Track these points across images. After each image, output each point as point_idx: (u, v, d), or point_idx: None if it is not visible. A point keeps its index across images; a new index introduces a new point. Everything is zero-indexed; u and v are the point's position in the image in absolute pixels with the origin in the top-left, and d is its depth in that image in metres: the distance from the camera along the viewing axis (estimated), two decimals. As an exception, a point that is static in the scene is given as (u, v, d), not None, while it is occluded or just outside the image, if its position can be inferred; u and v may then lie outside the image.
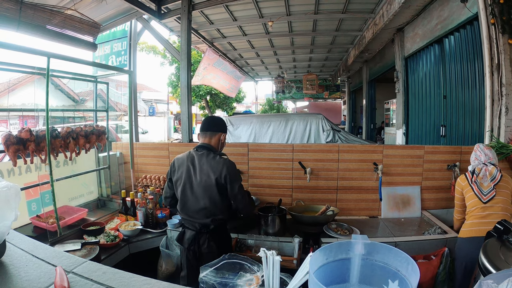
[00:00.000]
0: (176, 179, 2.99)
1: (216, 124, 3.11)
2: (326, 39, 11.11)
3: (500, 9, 4.22)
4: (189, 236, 2.92)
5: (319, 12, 8.12)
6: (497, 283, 0.99)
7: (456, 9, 5.93)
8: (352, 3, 7.68)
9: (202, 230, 2.88)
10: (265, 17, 8.38)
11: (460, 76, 6.10)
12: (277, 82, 16.77)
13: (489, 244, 1.92)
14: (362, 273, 1.30)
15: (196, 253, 2.90)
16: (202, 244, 2.86)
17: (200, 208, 2.86)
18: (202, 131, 3.06)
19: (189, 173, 2.91)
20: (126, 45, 6.34)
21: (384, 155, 4.30)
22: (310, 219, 3.75)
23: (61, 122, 3.86)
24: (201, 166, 2.88)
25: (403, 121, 9.12)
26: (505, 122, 4.26)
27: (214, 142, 3.03)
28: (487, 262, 1.72)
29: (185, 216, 2.96)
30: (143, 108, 27.13)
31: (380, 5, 7.66)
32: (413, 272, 1.11)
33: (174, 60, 16.87)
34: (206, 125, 3.08)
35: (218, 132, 3.05)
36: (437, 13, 6.70)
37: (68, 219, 3.73)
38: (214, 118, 3.26)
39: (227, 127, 7.20)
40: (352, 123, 20.06)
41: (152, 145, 5.43)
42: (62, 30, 4.45)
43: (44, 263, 1.37)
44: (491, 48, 4.36)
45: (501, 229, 1.98)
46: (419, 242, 3.46)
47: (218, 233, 2.93)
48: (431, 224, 3.92)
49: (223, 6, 7.40)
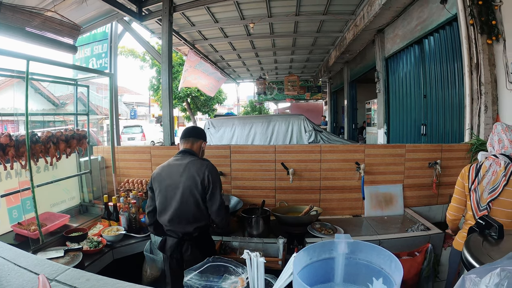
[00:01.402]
0: (159, 188, 2.93)
1: (198, 132, 3.16)
2: (307, 40, 11.20)
3: (478, 10, 4.32)
4: (171, 243, 2.88)
5: (300, 13, 8.19)
6: (480, 277, 1.00)
7: (435, 11, 6.04)
8: (333, 5, 7.77)
9: (184, 237, 2.85)
10: (246, 19, 8.42)
11: (440, 75, 6.21)
12: (258, 84, 16.85)
13: (471, 239, 1.95)
14: (346, 272, 1.31)
15: (179, 261, 2.87)
16: (185, 251, 2.83)
17: (183, 215, 2.83)
18: (183, 138, 3.07)
19: (173, 179, 2.87)
20: (106, 47, 6.28)
21: (366, 154, 4.34)
22: (294, 219, 3.76)
23: (41, 126, 3.79)
24: (185, 170, 2.85)
25: (384, 120, 9.23)
26: (484, 120, 4.36)
27: (196, 148, 3.05)
28: (470, 256, 1.74)
29: (167, 224, 2.90)
30: (124, 111, 26.91)
31: (360, 6, 7.76)
32: (396, 270, 1.13)
33: (154, 63, 16.78)
34: (187, 132, 3.11)
35: (200, 139, 3.09)
36: (417, 14, 6.81)
37: (50, 225, 3.65)
38: (195, 127, 3.35)
39: (209, 129, 7.27)
40: (334, 123, 20.25)
41: (134, 148, 5.37)
42: (42, 32, 4.38)
43: (26, 272, 1.35)
44: (470, 48, 4.46)
45: (483, 224, 2.01)
46: (402, 239, 3.49)
47: (201, 239, 2.91)
48: (414, 221, 3.97)
49: (204, 8, 7.41)
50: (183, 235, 2.85)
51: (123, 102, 28.25)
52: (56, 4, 4.59)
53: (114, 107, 5.08)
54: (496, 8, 4.24)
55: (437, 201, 4.37)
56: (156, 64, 16.70)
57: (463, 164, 4.19)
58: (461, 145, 4.46)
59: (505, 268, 0.96)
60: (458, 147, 4.41)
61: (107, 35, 6.34)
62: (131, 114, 28.26)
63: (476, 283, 0.99)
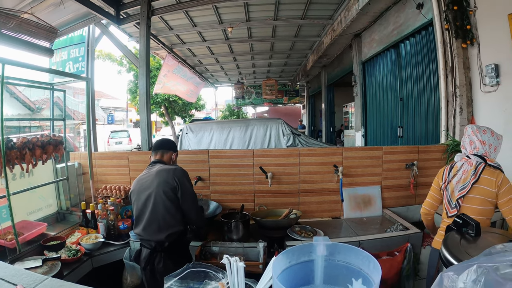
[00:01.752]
0: (135, 202, 2.96)
1: (168, 144, 3.23)
2: (285, 44, 11.27)
3: (453, 15, 4.44)
4: (145, 255, 2.87)
5: (278, 18, 8.23)
6: (458, 274, 1.01)
7: (411, 16, 6.15)
8: (311, 10, 7.84)
9: (157, 248, 2.83)
10: (225, 23, 8.41)
11: (416, 79, 6.33)
12: (236, 88, 16.83)
13: (449, 238, 1.98)
14: (326, 274, 1.31)
15: (153, 272, 2.85)
16: (158, 263, 2.82)
17: (155, 222, 2.82)
18: (154, 150, 3.14)
19: (144, 190, 2.89)
20: (83, 51, 6.17)
21: (344, 157, 4.37)
22: (273, 223, 3.75)
23: (17, 132, 3.72)
24: (155, 178, 2.87)
25: (362, 123, 9.34)
26: (459, 121, 4.48)
27: (166, 158, 3.10)
28: (448, 254, 1.77)
29: (141, 234, 2.89)
30: (101, 116, 26.48)
31: (338, 11, 7.85)
32: (375, 270, 1.13)
33: (132, 67, 16.58)
34: (158, 145, 3.18)
35: (170, 151, 3.16)
36: (394, 19, 6.92)
37: (27, 234, 3.55)
38: (166, 139, 3.36)
39: (187, 134, 7.22)
40: (312, 127, 20.35)
41: (111, 154, 5.29)
42: (18, 34, 4.27)
43: (4, 282, 1.32)
44: (445, 52, 4.57)
45: (460, 223, 2.05)
46: (382, 239, 3.52)
47: (173, 249, 2.89)
48: (392, 221, 4.02)
49: (183, 11, 7.38)
50: (155, 245, 2.83)
51: (100, 107, 27.82)
52: (33, 6, 4.52)
53: (91, 112, 4.99)
54: (471, 13, 4.36)
55: (415, 201, 4.43)
56: (133, 69, 16.49)
57: (439, 164, 4.29)
58: (437, 146, 4.55)
59: (482, 265, 0.98)
60: (435, 148, 4.50)
61: (84, 38, 6.23)
62: (108, 119, 27.88)
63: (454, 280, 1.00)
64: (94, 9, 5.45)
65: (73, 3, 5.00)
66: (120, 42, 7.16)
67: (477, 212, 2.60)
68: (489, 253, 1.16)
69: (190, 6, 6.76)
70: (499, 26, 3.98)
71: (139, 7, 5.78)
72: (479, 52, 4.32)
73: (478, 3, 4.31)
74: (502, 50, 3.98)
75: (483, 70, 4.24)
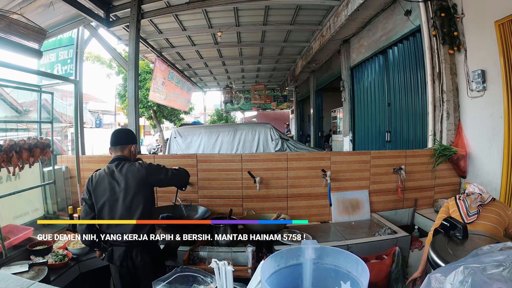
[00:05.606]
0: (99, 198, 2.87)
1: (126, 137, 3.10)
2: (274, 49, 11.29)
3: (441, 22, 4.51)
4: (119, 253, 2.82)
5: (268, 23, 8.25)
6: (445, 275, 1.02)
7: (400, 22, 6.21)
8: (300, 15, 7.87)
9: (133, 243, 2.79)
10: (214, 27, 8.41)
11: (404, 84, 6.38)
12: (225, 92, 16.86)
13: (437, 240, 2.01)
14: (315, 277, 1.31)
15: (130, 268, 2.81)
16: (136, 257, 2.79)
17: (131, 219, 2.79)
18: (112, 145, 3.04)
19: (113, 187, 2.84)
20: (72, 53, 6.12)
21: (332, 161, 4.39)
22: (262, 227, 3.75)
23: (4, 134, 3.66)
24: (124, 175, 2.84)
25: (350, 128, 9.38)
26: (446, 126, 4.54)
27: (126, 153, 3.03)
28: (436, 256, 1.79)
29: (113, 232, 2.83)
30: (89, 119, 26.28)
31: (327, 17, 7.90)
32: (363, 272, 1.14)
33: (121, 70, 16.47)
34: (115, 139, 3.05)
35: (128, 144, 3.06)
36: (382, 26, 6.98)
37: (14, 239, 3.50)
38: (121, 131, 3.22)
39: (176, 138, 7.20)
40: (301, 132, 20.38)
41: (99, 158, 5.24)
42: (6, 35, 4.23)
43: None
44: (433, 58, 4.64)
45: (447, 226, 2.07)
46: (370, 243, 3.55)
47: (149, 244, 2.85)
48: (380, 225, 4.05)
49: (172, 15, 7.37)
50: (131, 241, 2.79)
51: (88, 110, 27.60)
52: (22, 6, 4.48)
53: (79, 115, 4.94)
54: (458, 20, 4.43)
55: (402, 205, 4.48)
56: (122, 71, 16.36)
57: (427, 168, 4.34)
58: (424, 150, 4.61)
59: (469, 266, 0.99)
60: (422, 152, 4.55)
61: (73, 40, 6.19)
62: (96, 122, 27.65)
63: (441, 281, 1.01)
64: (84, 11, 5.42)
65: (63, 4, 4.98)
66: (109, 45, 7.12)
67: (490, 229, 2.56)
68: (476, 254, 1.18)
69: (180, 10, 6.74)
70: (485, 33, 4.04)
71: (129, 10, 5.77)
72: (466, 58, 4.38)
73: (465, 10, 4.37)
74: (488, 56, 4.03)
75: (470, 75, 4.29)
